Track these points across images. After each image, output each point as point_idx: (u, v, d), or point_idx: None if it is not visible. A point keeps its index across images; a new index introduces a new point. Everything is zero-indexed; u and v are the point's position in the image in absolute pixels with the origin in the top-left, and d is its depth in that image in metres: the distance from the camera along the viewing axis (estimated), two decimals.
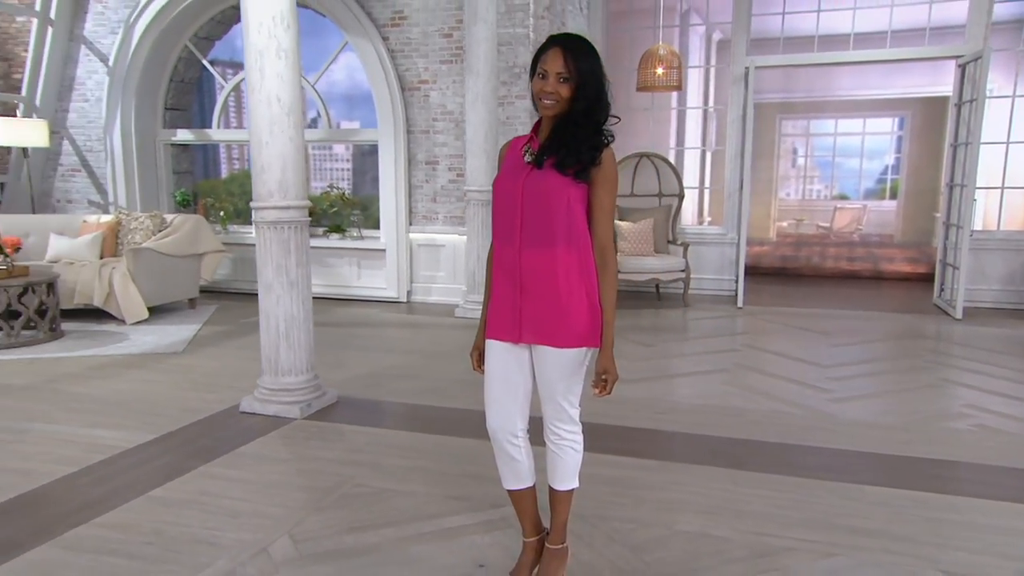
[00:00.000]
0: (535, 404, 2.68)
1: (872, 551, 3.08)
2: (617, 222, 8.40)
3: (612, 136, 2.62)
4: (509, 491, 2.80)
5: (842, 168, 14.69)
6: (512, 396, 2.68)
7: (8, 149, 9.34)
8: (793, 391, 5.26)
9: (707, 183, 10.72)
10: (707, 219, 10.55)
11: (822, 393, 5.19)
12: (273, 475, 3.83)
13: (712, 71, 10.99)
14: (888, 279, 10.23)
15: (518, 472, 2.75)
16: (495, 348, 2.67)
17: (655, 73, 8.04)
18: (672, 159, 9.47)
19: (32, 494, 3.61)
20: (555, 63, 2.48)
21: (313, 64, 9.01)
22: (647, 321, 7.45)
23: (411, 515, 3.38)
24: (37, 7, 9.13)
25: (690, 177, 10.53)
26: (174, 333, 6.77)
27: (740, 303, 8.11)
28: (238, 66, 9.28)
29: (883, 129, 14.35)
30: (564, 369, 2.60)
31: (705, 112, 10.59)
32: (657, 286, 8.53)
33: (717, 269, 8.85)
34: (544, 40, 2.62)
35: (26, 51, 9.38)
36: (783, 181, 14.54)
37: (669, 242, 8.44)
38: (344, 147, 11.54)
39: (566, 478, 2.73)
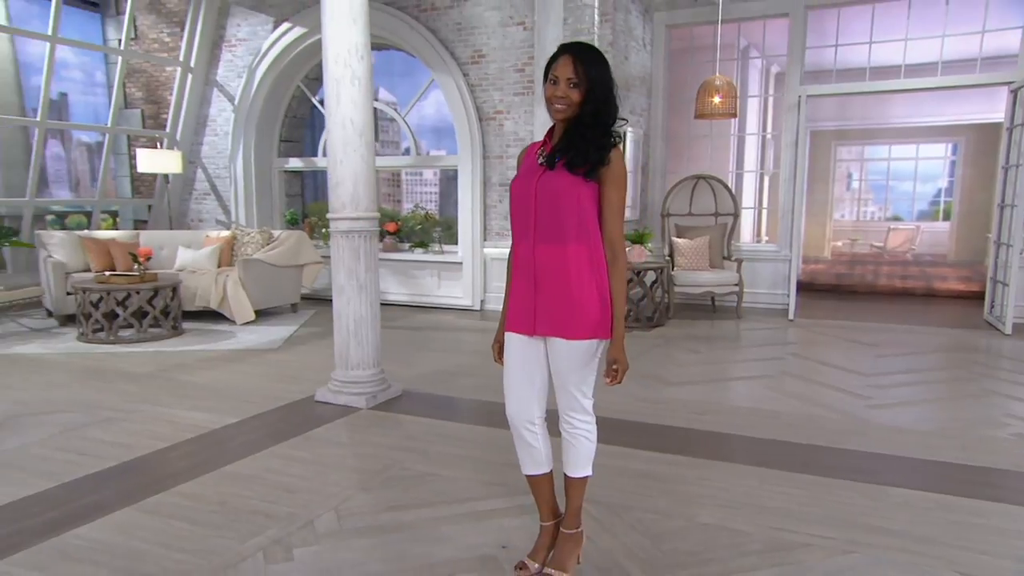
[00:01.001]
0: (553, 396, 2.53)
1: (890, 550, 2.77)
2: (674, 239, 8.11)
3: (620, 137, 2.46)
4: (527, 476, 2.66)
5: (896, 191, 13.86)
6: (529, 385, 2.54)
7: (154, 177, 9.79)
8: (831, 397, 4.88)
9: (765, 204, 10.27)
10: (764, 238, 10.09)
11: (860, 400, 4.79)
12: (331, 457, 3.77)
13: (770, 100, 10.57)
14: (941, 296, 9.52)
15: (535, 458, 2.60)
16: (513, 340, 2.54)
17: (712, 102, 7.75)
18: (732, 181, 9.12)
19: (128, 464, 3.67)
20: (565, 69, 2.36)
21: (406, 100, 9.12)
22: (700, 331, 7.12)
23: (448, 498, 3.26)
24: (181, 58, 9.56)
25: (748, 198, 10.12)
26: (274, 333, 6.88)
27: (791, 316, 7.67)
28: None
29: (937, 154, 13.45)
30: (576, 360, 2.44)
31: (763, 138, 10.18)
32: (712, 299, 8.19)
33: (771, 284, 8.41)
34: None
35: (171, 95, 9.83)
36: (838, 203, 13.81)
37: (724, 258, 8.09)
38: (432, 172, 11.62)
39: (580, 466, 2.56)
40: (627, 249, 7.54)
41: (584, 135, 2.38)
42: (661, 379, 5.34)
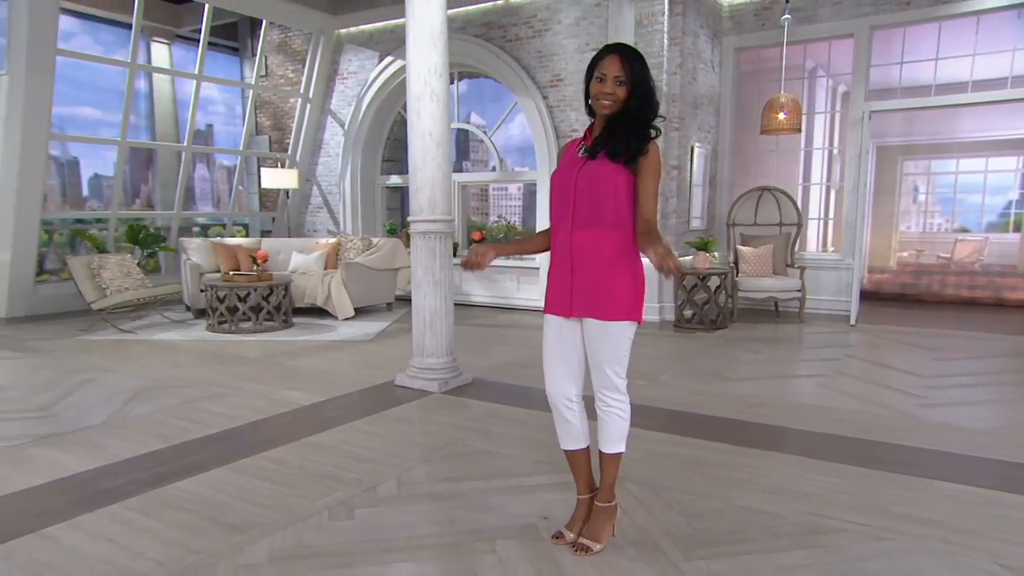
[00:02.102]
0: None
1: (928, 539, 2.51)
2: (739, 247, 7.78)
3: (659, 131, 2.36)
4: (565, 451, 2.57)
5: (963, 203, 12.77)
6: (566, 365, 2.45)
7: (277, 192, 10.24)
8: (884, 395, 4.52)
9: (830, 215, 9.71)
10: (830, 248, 9.52)
11: (913, 399, 4.41)
12: (401, 433, 3.78)
13: (837, 117, 10.00)
14: (1010, 306, 8.70)
15: (572, 434, 2.51)
16: (551, 322, 2.46)
17: (777, 118, 7.41)
18: (798, 194, 8.68)
19: (226, 432, 3.80)
20: (613, 67, 2.29)
21: (494, 122, 9.17)
22: (761, 333, 6.77)
23: (500, 472, 3.20)
24: (302, 90, 9.98)
25: (815, 210, 9.59)
26: (369, 327, 7.01)
27: (853, 321, 7.19)
28: None
29: (1008, 167, 12.31)
30: (610, 340, 2.34)
31: (829, 152, 9.63)
32: (776, 304, 7.79)
33: (834, 291, 7.92)
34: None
35: (293, 122, 10.27)
36: (904, 216, 12.88)
37: (788, 265, 7.68)
38: (516, 187, 11.64)
39: (613, 442, 2.45)
40: (692, 256, 7.30)
41: (627, 127, 2.32)
42: (719, 375, 5.10)
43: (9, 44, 6.96)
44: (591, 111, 2.42)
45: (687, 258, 7.64)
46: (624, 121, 2.31)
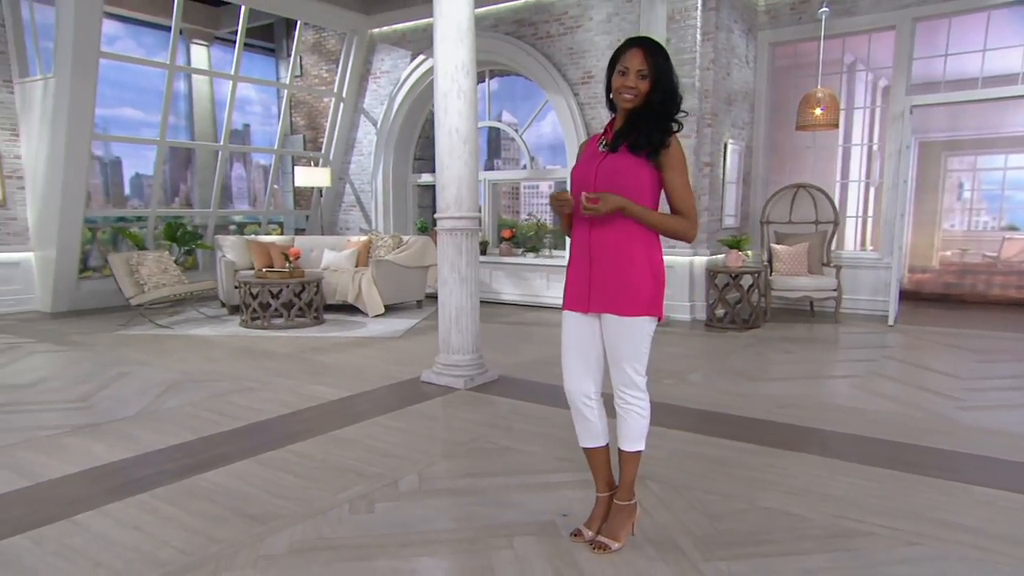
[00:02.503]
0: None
1: (961, 545, 2.43)
2: (773, 245, 7.63)
3: (681, 125, 2.32)
4: (584, 449, 2.55)
5: (1011, 200, 12.28)
6: (584, 362, 2.44)
7: (311, 191, 10.39)
8: (921, 397, 4.38)
9: (870, 213, 9.46)
10: (869, 246, 9.28)
11: (951, 401, 4.27)
12: (424, 429, 3.79)
13: (877, 112, 9.74)
14: None
15: (591, 431, 2.49)
16: (570, 318, 2.45)
17: (813, 113, 7.26)
18: (836, 191, 8.48)
19: (253, 425, 3.86)
20: (635, 60, 2.26)
21: (526, 121, 9.17)
22: (795, 333, 6.63)
23: (521, 469, 3.19)
24: (335, 90, 10.11)
25: (853, 207, 9.36)
26: (398, 324, 7.07)
27: (891, 321, 7.00)
28: None
29: None
30: (628, 336, 2.32)
31: (869, 148, 9.38)
32: (811, 303, 7.64)
33: (872, 291, 7.72)
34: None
35: (326, 121, 10.41)
36: (947, 213, 12.44)
37: (824, 264, 7.51)
38: (548, 185, 11.61)
39: (632, 440, 2.42)
40: (724, 255, 7.19)
41: (649, 120, 2.29)
42: (749, 375, 5.01)
43: (56, 48, 7.19)
44: (612, 105, 2.39)
45: (719, 256, 7.54)
46: (646, 115, 2.28)
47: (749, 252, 7.77)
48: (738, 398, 4.39)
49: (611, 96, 2.36)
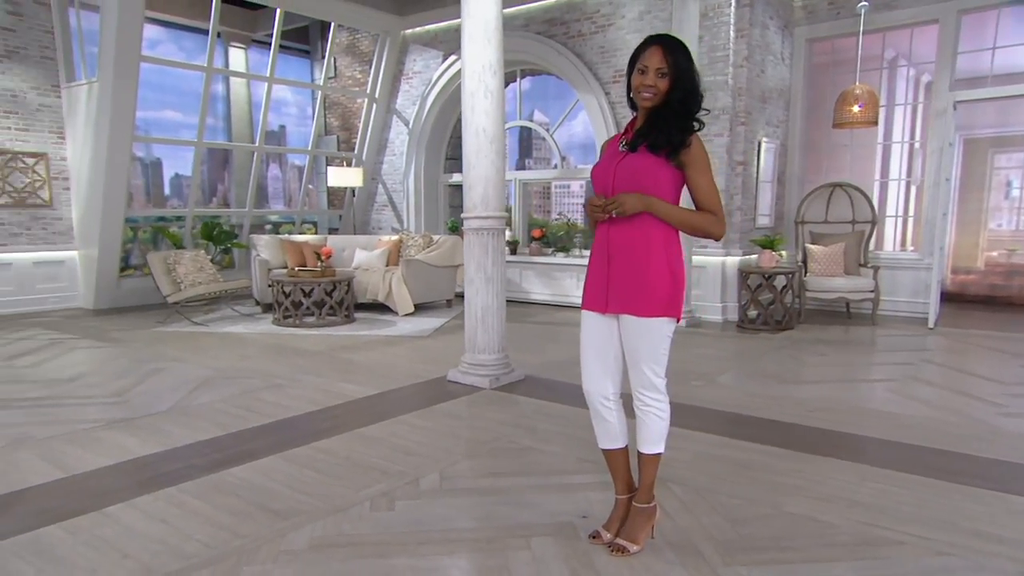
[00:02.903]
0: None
1: (995, 557, 2.35)
2: (808, 245, 7.48)
3: (702, 124, 2.29)
4: (603, 450, 2.53)
5: None
6: (602, 362, 2.41)
7: (344, 191, 10.53)
8: (959, 402, 4.25)
9: (911, 212, 9.20)
10: (910, 247, 9.03)
11: (992, 407, 4.13)
12: (448, 428, 3.81)
13: (919, 108, 9.47)
14: None
15: (610, 433, 2.47)
16: (588, 318, 2.43)
17: (851, 111, 7.08)
18: (875, 190, 8.28)
19: (281, 422, 3.92)
20: (654, 59, 2.23)
21: (556, 119, 9.16)
22: (829, 335, 6.49)
23: (542, 470, 3.18)
24: (368, 91, 10.22)
25: (893, 207, 9.12)
26: (428, 323, 7.11)
27: (931, 324, 6.80)
28: None
29: None
30: (646, 337, 2.29)
31: (910, 146, 9.13)
32: (847, 305, 7.47)
33: (912, 292, 7.51)
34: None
35: (359, 122, 10.53)
36: (994, 212, 12.01)
37: (861, 265, 7.34)
38: (579, 184, 11.56)
39: (651, 442, 2.39)
40: (757, 255, 7.07)
41: (669, 119, 2.25)
42: (779, 377, 4.93)
43: (99, 53, 7.41)
44: (634, 104, 2.36)
45: (752, 256, 7.42)
46: (666, 114, 2.25)
47: (783, 252, 7.64)
48: (767, 400, 4.31)
49: (631, 95, 2.33)
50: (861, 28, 7.24)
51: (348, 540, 2.51)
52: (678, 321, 2.33)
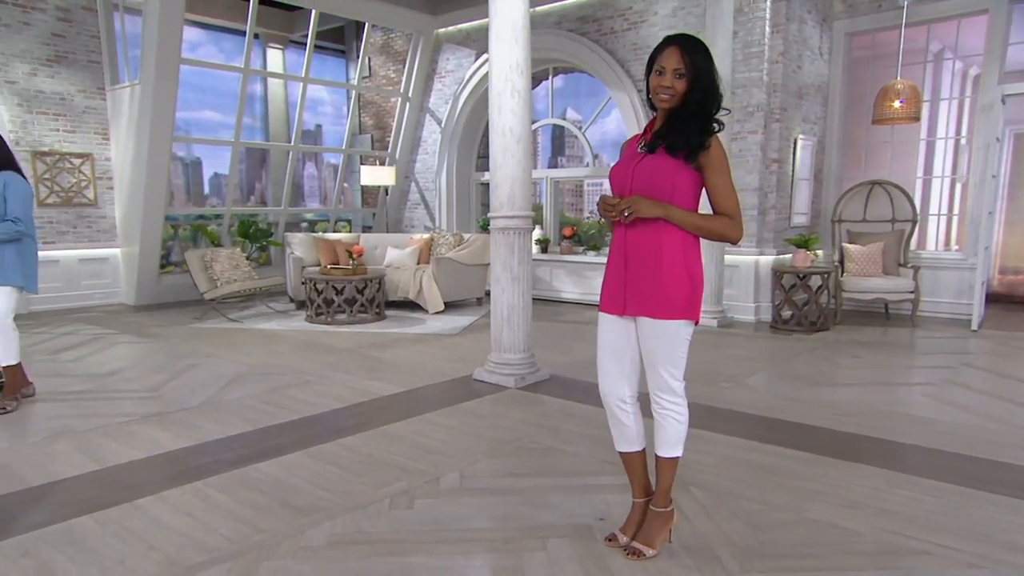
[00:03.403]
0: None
1: None
2: (845, 244, 7.30)
3: (722, 125, 2.26)
4: (620, 453, 2.51)
5: None
6: (619, 365, 2.40)
7: (378, 190, 10.63)
8: (999, 408, 4.11)
9: (955, 210, 8.91)
10: (954, 246, 8.75)
11: None
12: (471, 427, 3.82)
13: (966, 103, 9.16)
14: None
15: (627, 436, 2.46)
16: (606, 320, 2.42)
17: (892, 106, 6.90)
18: (917, 187, 8.04)
19: (308, 418, 3.99)
20: (672, 60, 2.21)
21: (589, 117, 9.12)
22: (866, 337, 6.33)
23: (563, 471, 3.18)
24: (402, 90, 10.31)
25: (936, 205, 8.84)
26: (457, 321, 7.15)
27: (975, 326, 6.58)
28: (532, 121, 9.64)
29: None
30: (663, 340, 2.27)
31: (956, 142, 8.83)
32: (885, 306, 7.28)
33: (955, 293, 7.28)
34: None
35: (393, 120, 10.63)
36: None
37: (900, 264, 7.14)
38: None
39: (669, 446, 2.37)
40: (792, 254, 6.93)
41: (687, 121, 2.23)
42: (810, 380, 4.83)
43: (142, 56, 7.62)
44: (653, 105, 2.34)
45: (786, 256, 7.28)
46: (684, 115, 2.22)
47: (818, 252, 7.48)
48: (797, 404, 4.23)
49: (650, 96, 2.31)
50: (904, 21, 7.04)
51: (366, 537, 2.54)
52: (696, 324, 2.30)
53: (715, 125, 2.25)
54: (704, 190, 2.28)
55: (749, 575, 2.26)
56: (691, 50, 2.21)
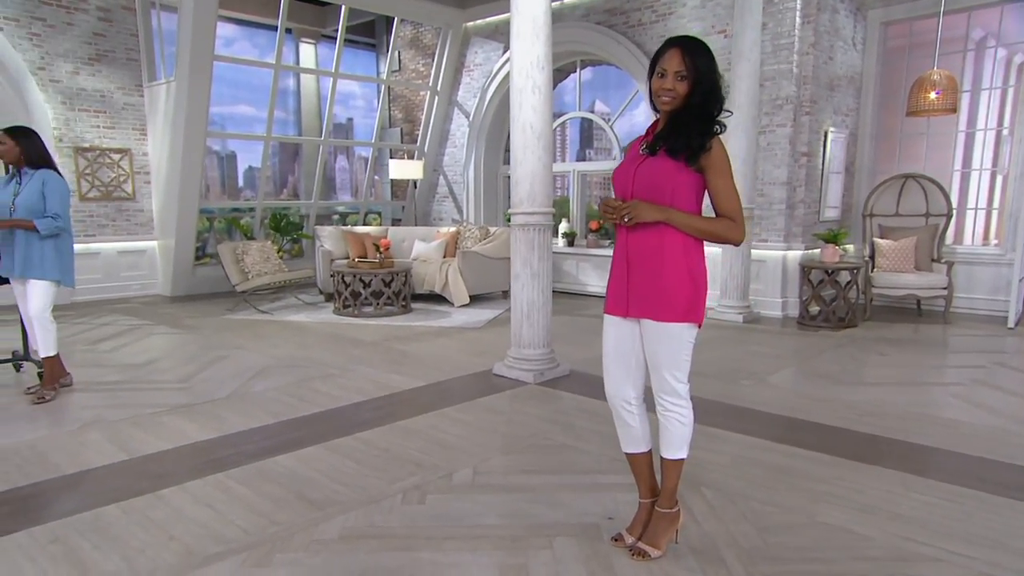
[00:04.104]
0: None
1: None
2: (876, 239, 7.14)
3: (724, 127, 2.23)
4: (626, 454, 2.51)
5: None
6: (624, 366, 2.40)
7: (406, 182, 10.71)
8: None
9: (995, 204, 8.62)
10: (993, 240, 8.48)
11: None
12: (488, 422, 3.85)
13: (1010, 92, 8.84)
14: None
15: (633, 437, 2.46)
16: (610, 322, 2.42)
17: (927, 98, 6.69)
18: (955, 181, 7.81)
19: (328, 412, 4.06)
20: (673, 62, 2.19)
21: (618, 110, 9.05)
22: (895, 334, 6.19)
23: (575, 468, 3.19)
24: (431, 83, 10.35)
25: (975, 199, 8.56)
26: (482, 315, 7.18)
27: (1011, 324, 6.39)
28: (560, 114, 9.60)
29: None
30: (667, 343, 2.26)
31: (997, 133, 8.54)
32: (918, 302, 7.10)
33: (991, 290, 7.07)
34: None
35: (422, 114, 10.68)
36: None
37: (933, 260, 6.95)
38: None
39: (673, 447, 2.36)
40: (820, 250, 6.81)
41: (689, 123, 2.21)
42: (833, 378, 4.75)
43: (177, 53, 7.78)
44: (656, 106, 2.32)
45: (815, 251, 7.14)
46: (686, 117, 2.20)
47: (848, 247, 7.33)
48: (818, 403, 4.17)
49: (652, 98, 2.29)
50: (942, 8, 6.81)
51: (377, 532, 2.59)
52: (699, 326, 2.29)
53: (716, 127, 2.23)
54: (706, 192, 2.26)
55: None
56: (693, 52, 2.19)
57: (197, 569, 2.33)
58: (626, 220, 2.19)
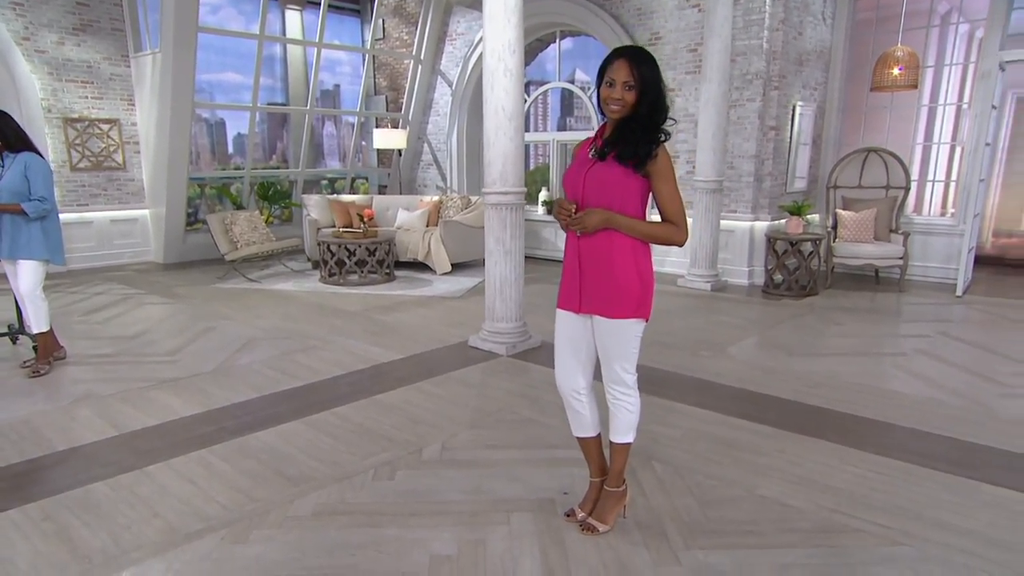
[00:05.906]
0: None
1: (949, 548, 2.35)
2: (839, 211, 7.19)
3: (668, 135, 2.26)
4: (577, 438, 2.60)
5: None
6: (575, 358, 2.46)
7: (391, 151, 10.59)
8: (962, 381, 4.12)
9: (954, 176, 8.66)
10: (951, 210, 8.54)
11: (995, 387, 3.99)
12: (460, 396, 3.93)
13: (971, 68, 8.78)
14: None
15: (582, 423, 2.54)
16: (563, 317, 2.47)
17: (890, 73, 6.67)
18: (917, 154, 7.83)
19: (308, 386, 4.12)
20: (621, 72, 2.19)
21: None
22: (851, 303, 6.30)
23: (537, 442, 3.28)
24: (414, 52, 10.14)
25: (934, 171, 8.60)
26: (462, 283, 7.22)
27: (959, 292, 6.51)
28: (541, 83, 9.48)
29: None
30: (617, 337, 2.33)
31: (958, 108, 8.51)
32: (876, 271, 7.20)
33: (944, 258, 7.17)
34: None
35: (406, 82, 10.50)
36: None
37: (891, 231, 7.03)
38: None
39: (621, 433, 2.45)
40: (785, 220, 6.86)
41: (635, 131, 2.23)
42: (788, 349, 4.85)
43: (161, 25, 7.57)
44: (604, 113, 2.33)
45: (780, 221, 7.19)
46: (633, 125, 2.22)
47: (812, 217, 7.39)
48: (770, 375, 4.28)
49: (600, 106, 2.30)
50: None
51: (348, 508, 2.68)
52: (647, 321, 2.35)
53: (661, 135, 2.25)
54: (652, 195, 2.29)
55: (691, 551, 2.36)
56: (640, 63, 2.20)
57: (179, 547, 2.41)
58: (578, 233, 2.23)
